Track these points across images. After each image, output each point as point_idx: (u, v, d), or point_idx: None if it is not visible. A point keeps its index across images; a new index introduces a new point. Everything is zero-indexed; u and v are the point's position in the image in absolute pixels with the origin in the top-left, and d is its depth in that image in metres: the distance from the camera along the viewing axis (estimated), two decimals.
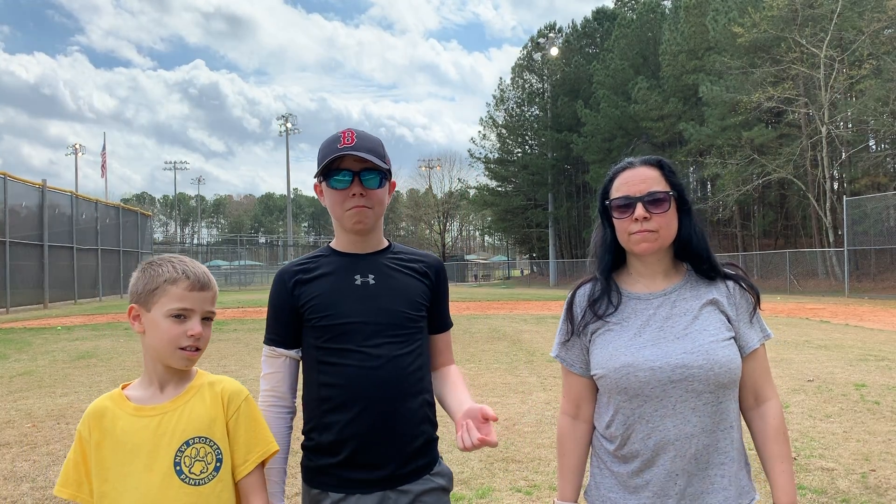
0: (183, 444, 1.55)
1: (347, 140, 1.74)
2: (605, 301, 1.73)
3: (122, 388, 1.64)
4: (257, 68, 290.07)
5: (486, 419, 1.58)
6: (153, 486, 1.52)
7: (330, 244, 1.88)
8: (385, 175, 1.78)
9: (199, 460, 1.56)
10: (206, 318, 1.61)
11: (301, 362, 1.83)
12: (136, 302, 1.61)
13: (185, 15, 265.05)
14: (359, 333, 1.72)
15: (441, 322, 1.91)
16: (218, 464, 1.58)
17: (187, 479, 1.54)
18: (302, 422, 1.83)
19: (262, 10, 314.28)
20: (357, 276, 1.78)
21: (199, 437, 1.57)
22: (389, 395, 1.71)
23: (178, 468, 1.54)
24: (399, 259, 1.85)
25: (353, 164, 1.74)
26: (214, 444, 1.58)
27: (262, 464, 1.66)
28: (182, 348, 1.56)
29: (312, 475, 1.76)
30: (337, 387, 1.71)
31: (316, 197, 1.98)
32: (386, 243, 1.88)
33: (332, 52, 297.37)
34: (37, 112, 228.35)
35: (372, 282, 1.78)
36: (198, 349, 1.58)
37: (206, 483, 1.55)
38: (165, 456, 1.54)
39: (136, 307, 1.61)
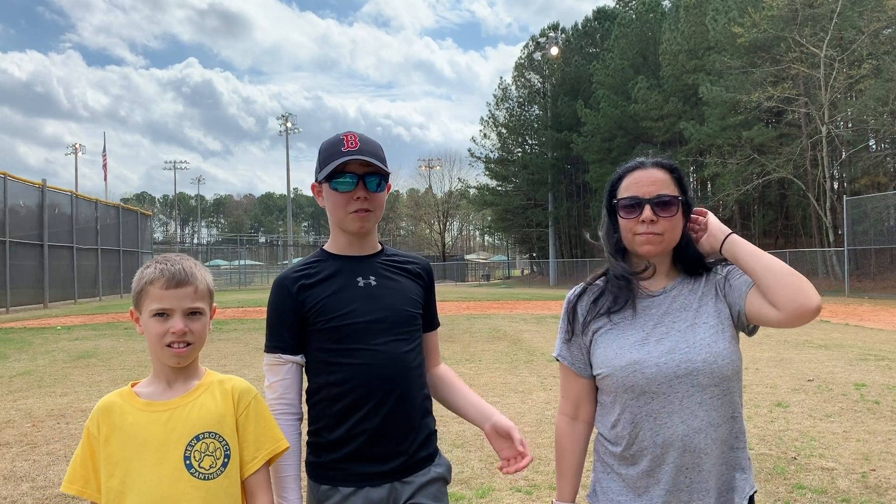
0: (193, 439, 1.57)
1: (351, 143, 1.78)
2: (620, 300, 1.72)
3: (132, 386, 1.66)
4: (251, 67, 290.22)
5: (514, 440, 1.79)
6: (164, 480, 1.53)
7: (323, 247, 1.90)
8: (386, 178, 1.83)
9: (209, 455, 1.58)
10: (194, 313, 1.60)
11: (304, 367, 1.85)
12: (133, 305, 1.65)
13: (178, 12, 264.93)
14: (367, 332, 1.76)
15: (431, 321, 1.98)
16: (226, 459, 1.59)
17: (197, 474, 1.55)
18: (307, 423, 1.85)
19: (254, 6, 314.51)
20: (359, 278, 1.82)
21: (209, 433, 1.59)
22: (397, 390, 1.76)
23: (188, 462, 1.55)
24: (393, 261, 1.91)
25: (357, 167, 1.77)
26: (223, 439, 1.60)
27: (269, 462, 1.68)
28: (169, 345, 1.57)
29: (320, 471, 1.78)
30: (348, 384, 1.74)
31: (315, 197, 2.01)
32: (379, 246, 1.92)
33: (327, 50, 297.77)
34: (31, 111, 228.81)
35: (373, 283, 1.83)
36: (188, 344, 1.59)
37: (214, 478, 1.57)
38: (175, 450, 1.55)
39: (134, 310, 1.65)
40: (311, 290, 1.80)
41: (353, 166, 1.77)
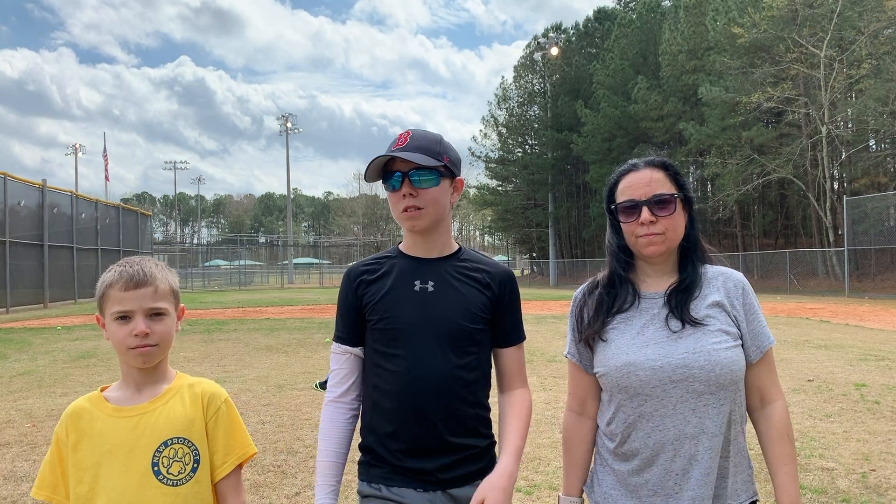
0: (161, 445, 1.55)
1: (400, 142, 1.71)
2: (619, 300, 1.73)
3: (101, 391, 1.63)
4: (244, 65, 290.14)
5: None
6: (131, 486, 1.52)
7: (399, 245, 1.86)
8: (440, 173, 1.73)
9: (178, 461, 1.56)
10: (157, 314, 1.57)
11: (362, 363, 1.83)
12: (98, 310, 1.62)
13: (170, 9, 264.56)
14: (410, 341, 1.70)
15: (505, 335, 1.82)
16: (195, 465, 1.57)
17: (165, 480, 1.53)
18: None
19: (247, 4, 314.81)
20: (416, 282, 1.75)
21: (178, 438, 1.57)
22: (435, 406, 1.69)
23: (155, 468, 1.53)
24: (463, 267, 1.80)
25: (402, 164, 1.70)
26: (192, 444, 1.58)
27: (240, 466, 1.66)
28: (132, 347, 1.55)
29: (365, 469, 1.78)
30: (385, 392, 1.72)
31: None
32: (455, 248, 1.83)
33: (321, 49, 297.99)
34: (24, 109, 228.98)
35: (430, 289, 1.75)
36: (153, 345, 1.56)
37: (183, 484, 1.55)
38: (143, 456, 1.53)
39: (99, 315, 1.62)
40: (370, 286, 1.78)
41: (399, 164, 1.70)
